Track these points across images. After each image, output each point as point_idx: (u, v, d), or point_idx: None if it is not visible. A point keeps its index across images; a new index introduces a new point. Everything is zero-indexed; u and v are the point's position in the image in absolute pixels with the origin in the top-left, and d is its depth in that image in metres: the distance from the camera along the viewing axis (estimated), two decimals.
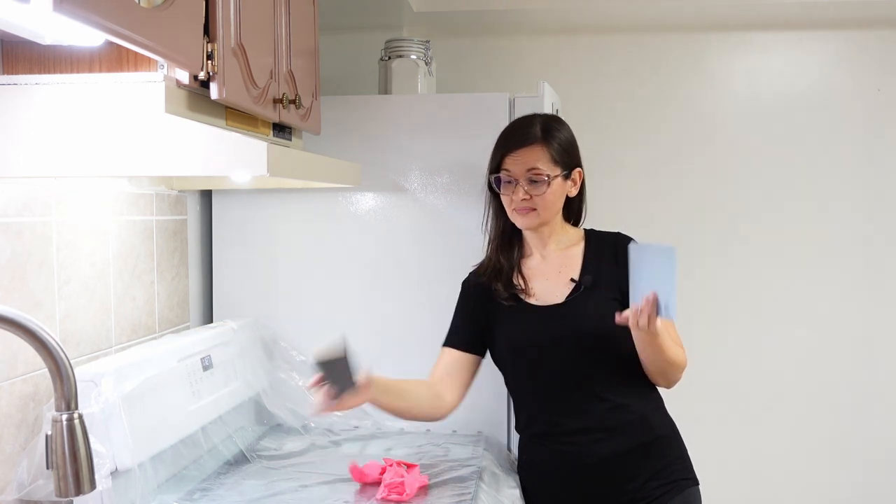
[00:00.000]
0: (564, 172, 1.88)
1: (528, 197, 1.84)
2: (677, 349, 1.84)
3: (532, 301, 1.91)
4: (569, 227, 1.98)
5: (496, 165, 1.88)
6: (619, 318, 1.70)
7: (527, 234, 1.96)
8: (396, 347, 2.25)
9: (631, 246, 1.71)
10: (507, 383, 1.99)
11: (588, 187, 1.99)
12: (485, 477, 1.88)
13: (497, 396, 2.19)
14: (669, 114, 3.22)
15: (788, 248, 3.21)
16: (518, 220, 1.89)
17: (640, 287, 1.65)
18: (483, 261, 1.99)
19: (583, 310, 1.85)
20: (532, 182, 1.84)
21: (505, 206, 1.90)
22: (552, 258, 1.94)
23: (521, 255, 1.97)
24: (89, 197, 1.75)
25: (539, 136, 1.86)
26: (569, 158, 1.89)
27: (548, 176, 1.84)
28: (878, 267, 3.19)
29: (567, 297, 1.88)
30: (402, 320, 2.27)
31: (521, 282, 1.93)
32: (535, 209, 1.86)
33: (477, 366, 1.96)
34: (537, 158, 1.85)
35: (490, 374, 2.02)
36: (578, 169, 1.92)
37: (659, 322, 1.68)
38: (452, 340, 1.96)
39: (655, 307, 1.64)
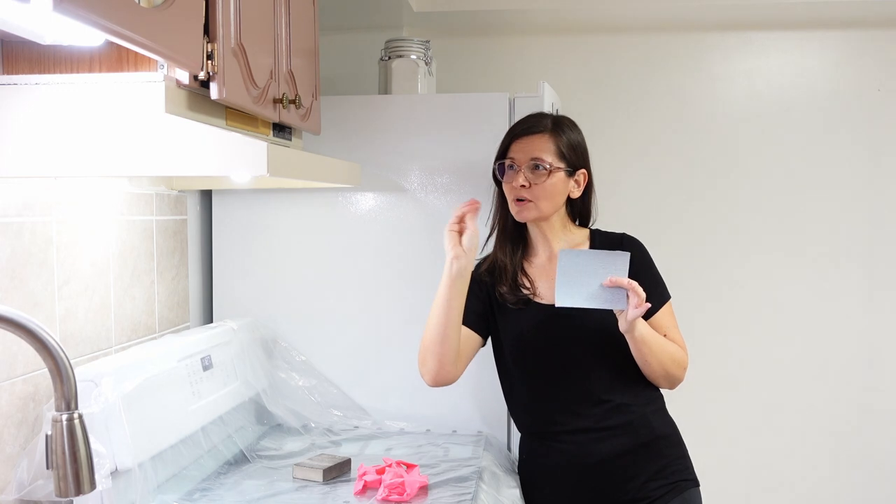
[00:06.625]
0: (568, 169, 1.88)
1: (526, 184, 1.84)
2: (673, 349, 1.85)
3: (537, 300, 1.91)
4: (574, 228, 1.98)
5: (502, 152, 1.90)
6: (631, 313, 1.71)
7: (532, 232, 1.96)
8: (396, 347, 2.26)
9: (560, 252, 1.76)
10: (507, 382, 1.98)
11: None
12: (485, 477, 1.88)
13: (497, 396, 2.18)
14: (669, 114, 3.22)
15: (789, 247, 3.21)
16: (515, 212, 1.89)
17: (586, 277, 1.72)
18: (488, 256, 1.99)
19: (586, 310, 1.85)
20: (533, 170, 1.84)
21: (506, 195, 1.90)
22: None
23: (526, 255, 1.97)
24: (89, 197, 1.75)
25: (549, 127, 1.89)
26: (575, 157, 1.89)
27: (549, 165, 1.85)
28: (881, 266, 3.19)
29: None
30: (402, 320, 2.27)
31: (527, 282, 1.93)
32: (531, 201, 1.85)
33: (478, 348, 1.96)
34: (542, 148, 1.86)
35: (490, 374, 2.01)
36: (583, 171, 1.92)
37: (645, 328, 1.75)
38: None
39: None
